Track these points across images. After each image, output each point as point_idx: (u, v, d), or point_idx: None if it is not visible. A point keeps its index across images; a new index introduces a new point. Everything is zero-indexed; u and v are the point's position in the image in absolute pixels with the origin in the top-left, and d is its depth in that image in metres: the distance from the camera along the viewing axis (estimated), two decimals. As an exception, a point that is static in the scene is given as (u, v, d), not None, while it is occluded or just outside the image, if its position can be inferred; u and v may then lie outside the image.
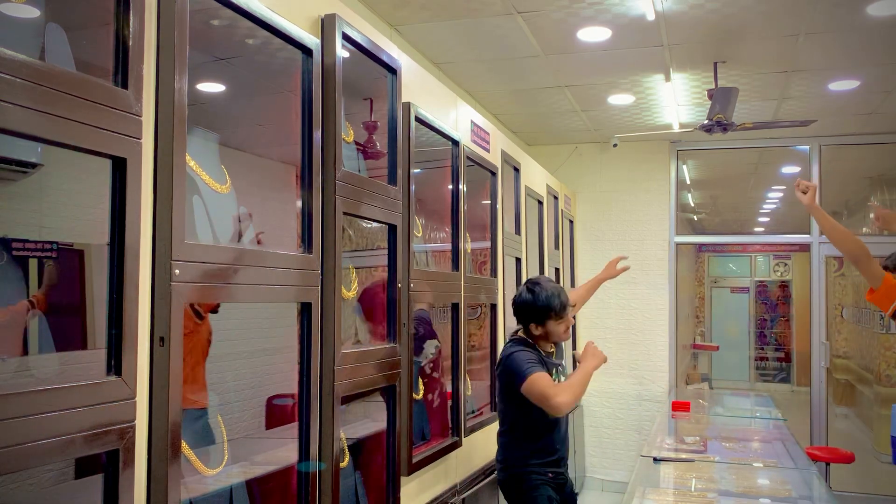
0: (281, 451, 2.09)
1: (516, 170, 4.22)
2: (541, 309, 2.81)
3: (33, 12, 1.45)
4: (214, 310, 2.08)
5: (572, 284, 6.27)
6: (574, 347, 5.58)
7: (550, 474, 2.85)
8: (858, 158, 6.82)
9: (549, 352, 2.93)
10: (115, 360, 1.28)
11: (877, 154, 6.52)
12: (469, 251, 3.26)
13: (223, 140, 1.87)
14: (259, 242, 1.95)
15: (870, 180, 7.46)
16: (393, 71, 2.40)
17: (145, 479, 1.35)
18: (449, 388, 3.06)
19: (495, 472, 3.03)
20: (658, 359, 6.37)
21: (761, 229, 10.50)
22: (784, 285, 12.19)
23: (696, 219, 9.19)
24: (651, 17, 3.65)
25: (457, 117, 3.15)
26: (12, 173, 1.59)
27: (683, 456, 3.67)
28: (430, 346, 3.01)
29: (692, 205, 8.61)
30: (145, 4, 1.36)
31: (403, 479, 2.45)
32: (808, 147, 6.24)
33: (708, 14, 3.65)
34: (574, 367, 2.93)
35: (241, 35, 1.87)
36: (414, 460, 2.53)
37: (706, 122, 4.58)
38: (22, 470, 1.16)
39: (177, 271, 1.40)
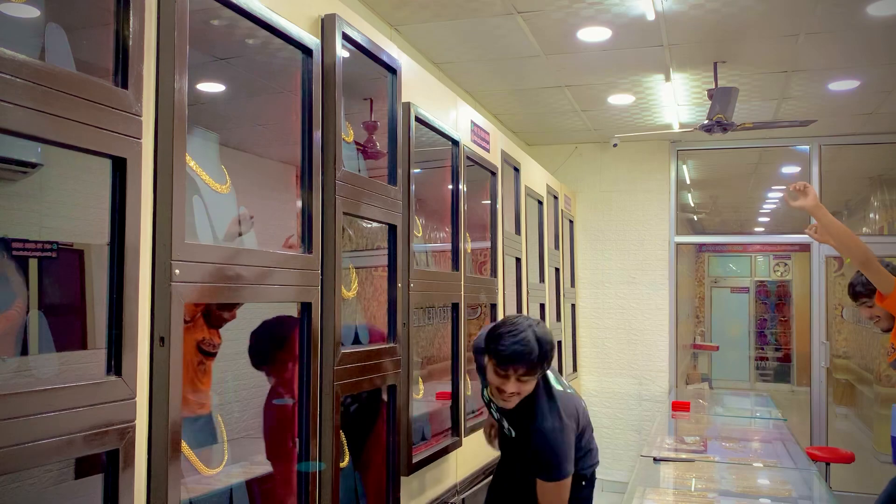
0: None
1: (516, 170, 4.22)
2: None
3: (33, 12, 1.45)
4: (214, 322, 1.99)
5: (572, 285, 6.27)
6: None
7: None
8: (858, 158, 6.82)
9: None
10: (115, 360, 1.28)
11: (877, 154, 6.52)
12: (469, 251, 3.26)
13: (223, 140, 1.87)
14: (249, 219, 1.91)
15: (870, 180, 7.46)
16: (393, 71, 2.40)
17: (145, 479, 1.35)
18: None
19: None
20: (658, 359, 6.37)
21: (761, 229, 10.50)
22: (784, 285, 12.18)
23: (696, 219, 9.19)
24: (651, 17, 3.65)
25: (457, 117, 3.15)
26: (12, 173, 1.59)
27: (683, 456, 3.67)
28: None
29: (692, 205, 8.61)
30: (145, 4, 1.36)
31: (403, 479, 2.45)
32: (808, 147, 6.24)
33: (708, 14, 3.65)
34: None
35: (241, 35, 1.87)
36: (414, 460, 2.53)
37: (706, 122, 4.58)
38: (22, 470, 1.16)
39: (177, 271, 1.40)
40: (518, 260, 4.15)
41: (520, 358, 2.21)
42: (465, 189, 3.10)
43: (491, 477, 2.87)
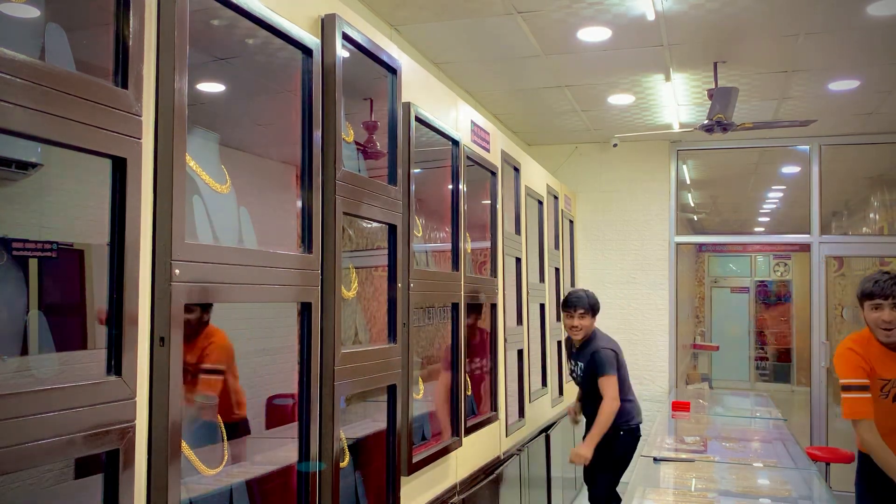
0: (281, 451, 2.09)
1: (516, 170, 4.22)
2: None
3: (33, 12, 1.45)
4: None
5: (572, 284, 6.27)
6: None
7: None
8: (858, 158, 6.82)
9: (576, 347, 4.25)
10: (115, 360, 1.28)
11: (877, 154, 6.52)
12: (469, 251, 3.26)
13: (223, 140, 1.87)
14: None
15: (870, 180, 7.46)
16: (393, 71, 2.40)
17: (145, 479, 1.35)
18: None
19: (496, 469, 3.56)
20: (658, 359, 6.37)
21: (761, 229, 10.50)
22: (784, 285, 12.18)
23: (696, 219, 9.19)
24: (651, 17, 3.65)
25: (457, 117, 3.15)
26: (12, 173, 1.58)
27: (683, 456, 3.67)
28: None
29: (692, 205, 8.61)
30: (145, 4, 1.36)
31: (403, 479, 2.45)
32: (808, 147, 6.24)
33: (708, 14, 3.66)
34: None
35: (241, 35, 1.87)
36: (414, 460, 2.53)
37: (706, 122, 4.58)
38: (22, 470, 1.16)
39: (177, 271, 1.40)
40: (518, 260, 4.15)
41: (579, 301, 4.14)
42: (465, 189, 3.10)
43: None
